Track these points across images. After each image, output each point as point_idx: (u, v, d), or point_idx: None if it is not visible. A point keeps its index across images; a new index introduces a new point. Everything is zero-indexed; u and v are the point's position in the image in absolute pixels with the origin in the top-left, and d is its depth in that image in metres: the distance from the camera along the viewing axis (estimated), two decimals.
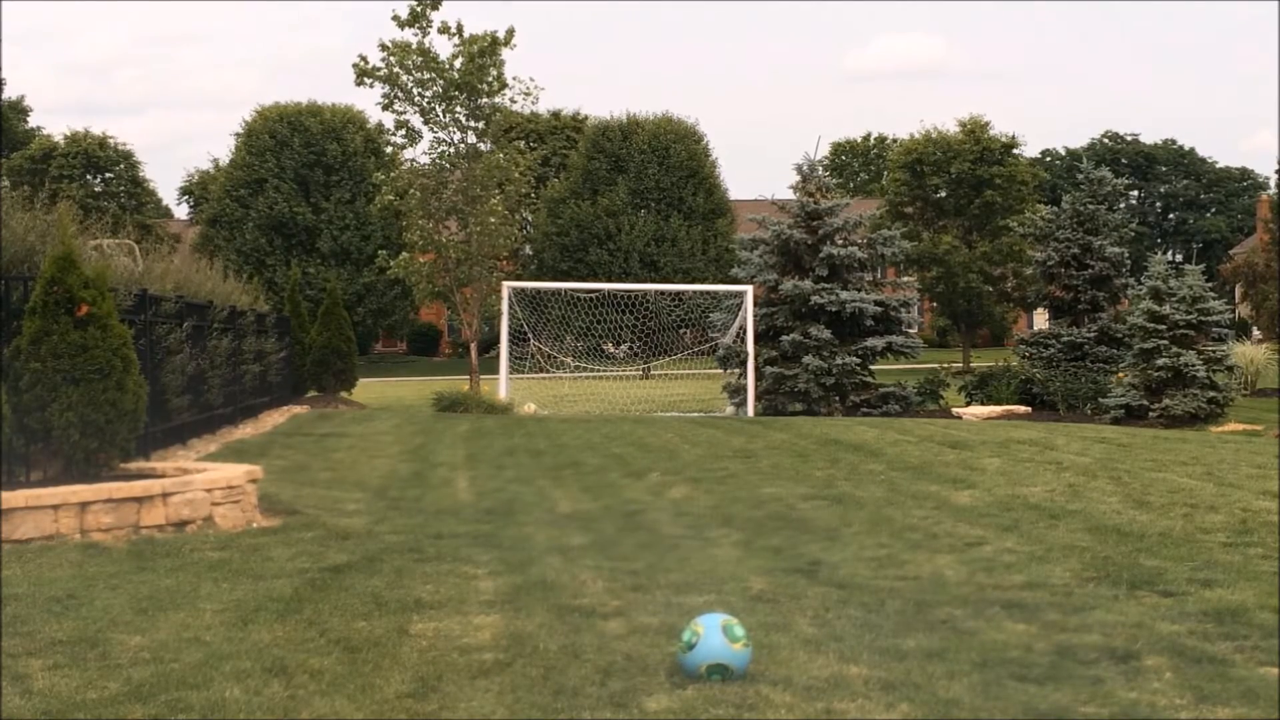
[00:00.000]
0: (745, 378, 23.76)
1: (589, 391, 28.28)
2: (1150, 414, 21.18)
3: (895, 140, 75.02)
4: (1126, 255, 28.00)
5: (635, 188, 55.45)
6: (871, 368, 24.65)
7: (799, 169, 26.39)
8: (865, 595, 6.40)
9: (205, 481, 8.48)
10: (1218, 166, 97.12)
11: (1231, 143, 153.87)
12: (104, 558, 7.27)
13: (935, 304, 53.24)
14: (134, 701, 4.60)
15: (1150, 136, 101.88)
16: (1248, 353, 29.92)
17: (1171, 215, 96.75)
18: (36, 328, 8.41)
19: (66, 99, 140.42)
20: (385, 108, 27.90)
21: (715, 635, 4.83)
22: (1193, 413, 20.76)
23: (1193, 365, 21.01)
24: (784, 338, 23.75)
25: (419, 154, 28.78)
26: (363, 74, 27.53)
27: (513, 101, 28.19)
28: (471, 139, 27.96)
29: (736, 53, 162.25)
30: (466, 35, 27.52)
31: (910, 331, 27.14)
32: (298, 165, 56.80)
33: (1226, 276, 41.29)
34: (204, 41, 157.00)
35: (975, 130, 50.03)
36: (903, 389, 23.87)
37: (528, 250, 58.20)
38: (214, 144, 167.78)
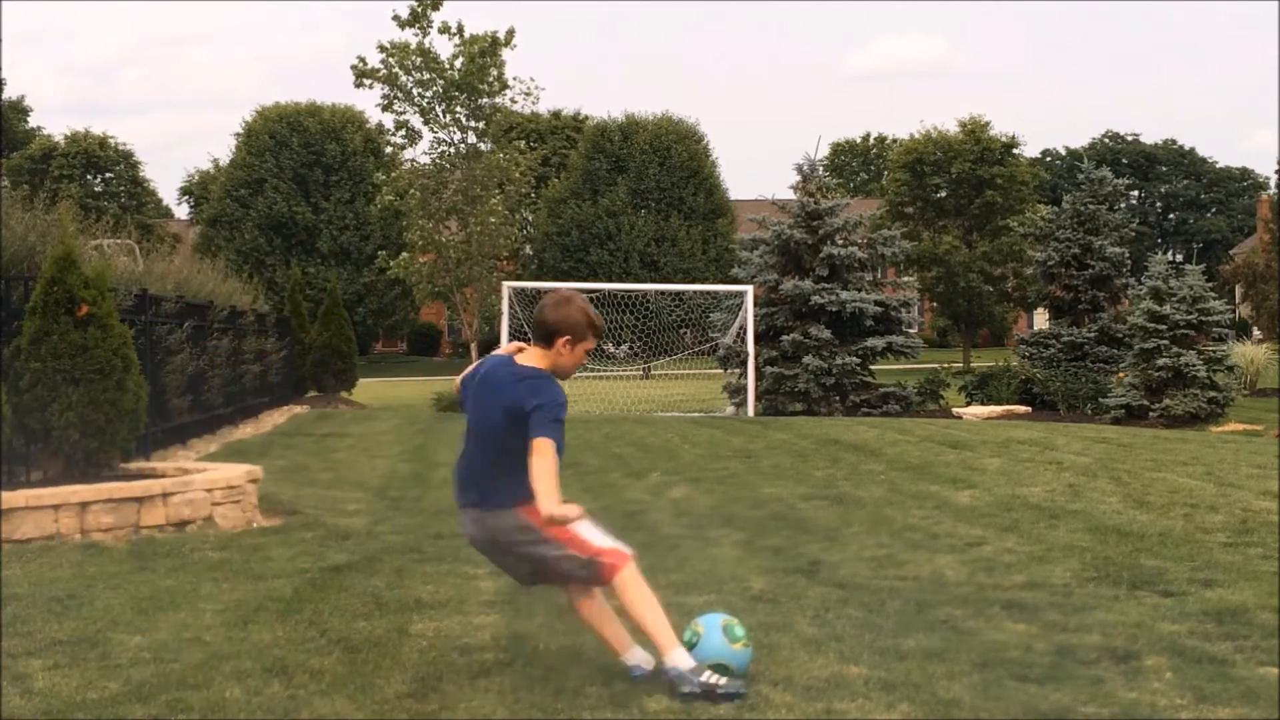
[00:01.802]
0: (745, 378, 23.75)
1: (589, 391, 28.27)
2: (1150, 414, 21.18)
3: (895, 140, 75.07)
4: (1127, 255, 28.02)
5: (635, 188, 55.45)
6: (871, 368, 24.64)
7: (799, 169, 26.39)
8: (865, 595, 6.39)
9: (205, 481, 8.48)
10: (1218, 166, 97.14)
11: (1231, 143, 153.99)
12: (104, 558, 7.27)
13: (935, 304, 53.25)
14: (134, 701, 4.60)
15: (1150, 136, 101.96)
16: (1248, 353, 29.92)
17: (1172, 215, 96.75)
18: (36, 328, 8.41)
19: (70, 100, 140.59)
20: (385, 108, 27.91)
21: (715, 635, 4.84)
22: (1193, 413, 20.76)
23: (1193, 365, 21.01)
24: (784, 338, 23.75)
25: (419, 154, 28.79)
26: (361, 75, 27.52)
27: (513, 102, 28.21)
28: (472, 139, 27.96)
29: (736, 53, 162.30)
30: (467, 35, 27.52)
31: (910, 331, 27.19)
32: (297, 165, 56.82)
33: (1227, 276, 41.28)
34: (207, 42, 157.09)
35: (975, 130, 50.05)
36: (903, 389, 23.86)
37: (528, 250, 58.20)
38: (218, 145, 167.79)
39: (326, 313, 24.38)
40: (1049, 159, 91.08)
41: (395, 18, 27.49)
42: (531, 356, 4.82)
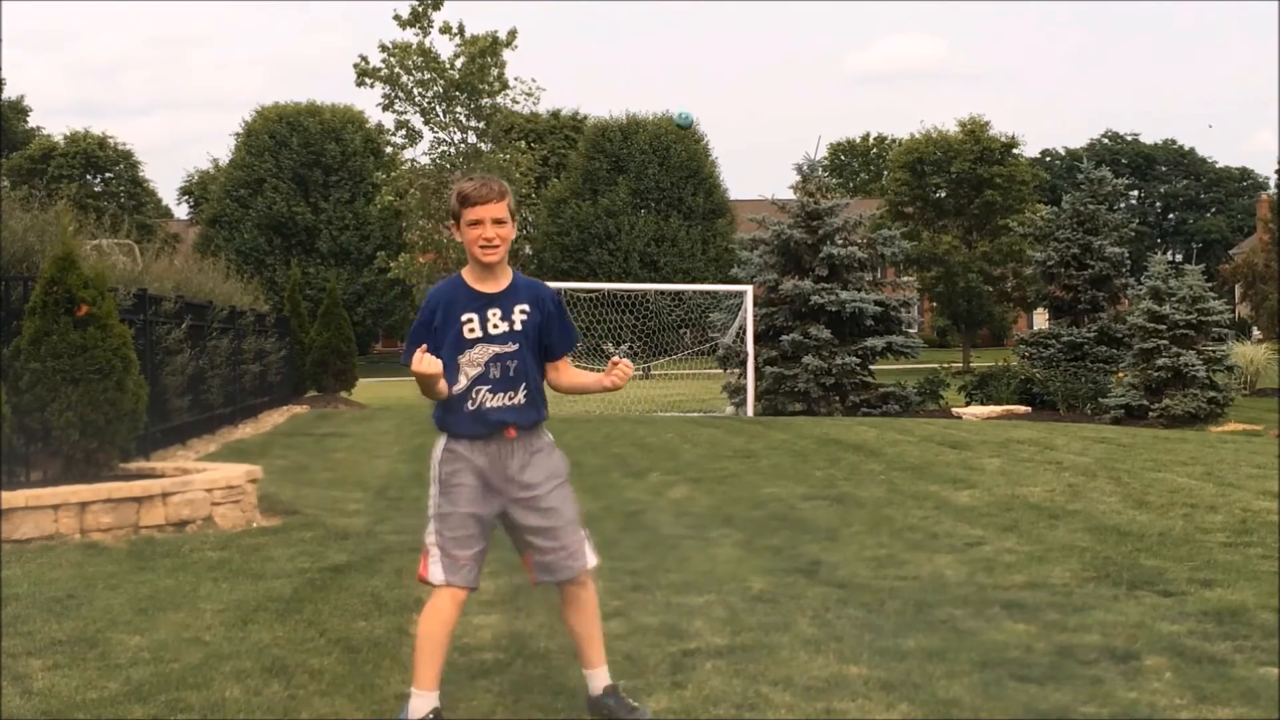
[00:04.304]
0: (745, 378, 23.75)
1: None
2: (1150, 414, 21.18)
3: (895, 141, 75.10)
4: (1126, 255, 28.03)
5: (635, 188, 55.47)
6: (871, 368, 24.64)
7: (799, 169, 26.40)
8: (865, 595, 6.39)
9: (205, 481, 8.47)
10: (1218, 166, 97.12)
11: (1231, 143, 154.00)
12: (104, 558, 7.26)
13: (935, 304, 53.27)
14: (134, 701, 4.59)
15: (1150, 136, 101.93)
16: (1248, 353, 29.93)
17: (1171, 215, 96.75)
18: (36, 328, 8.40)
19: (73, 100, 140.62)
20: (386, 108, 27.94)
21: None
22: (1193, 413, 20.76)
23: (1193, 365, 21.01)
24: (784, 338, 23.75)
25: (419, 154, 28.83)
26: (363, 74, 27.56)
27: (514, 102, 28.24)
28: (472, 139, 27.98)
29: (736, 52, 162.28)
30: (468, 35, 27.54)
31: (910, 331, 27.15)
32: (296, 165, 56.81)
33: (1226, 276, 41.30)
34: (209, 43, 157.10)
35: (975, 130, 50.05)
36: (903, 389, 23.86)
37: (528, 250, 58.24)
38: (218, 145, 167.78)
39: (326, 313, 24.37)
40: (1049, 159, 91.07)
41: (396, 17, 27.53)
42: None
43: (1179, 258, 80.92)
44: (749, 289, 24.63)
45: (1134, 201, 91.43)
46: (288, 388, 22.52)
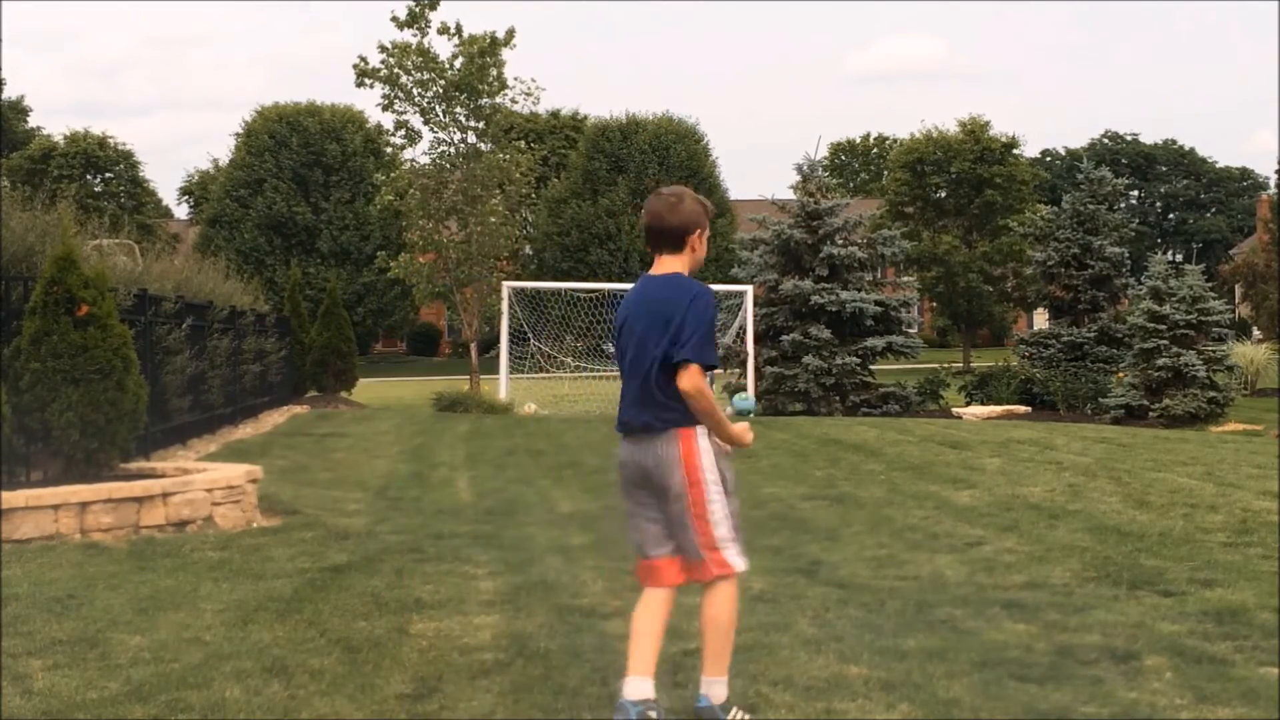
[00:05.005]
0: (745, 378, 23.76)
1: (589, 391, 28.24)
2: (1150, 414, 21.19)
3: (895, 141, 75.07)
4: (1126, 255, 28.05)
5: (635, 188, 55.42)
6: (871, 368, 24.65)
7: (799, 169, 26.41)
8: (865, 595, 6.39)
9: (205, 481, 8.47)
10: (1218, 166, 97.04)
11: (1231, 143, 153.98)
12: (104, 558, 7.26)
13: (935, 304, 53.24)
14: (134, 701, 4.59)
15: (1150, 136, 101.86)
16: (1248, 353, 29.93)
17: (1171, 215, 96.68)
18: (36, 328, 8.40)
19: (74, 100, 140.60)
20: (385, 108, 27.90)
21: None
22: (1193, 413, 20.76)
23: (1193, 365, 21.02)
24: (784, 338, 23.76)
25: (419, 154, 28.80)
26: (363, 75, 27.53)
27: (514, 102, 28.20)
28: (472, 139, 27.96)
29: (736, 52, 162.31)
30: (466, 35, 27.53)
31: (910, 331, 27.16)
32: (296, 165, 56.77)
33: (1226, 276, 41.28)
34: (209, 43, 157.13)
35: (975, 130, 50.03)
36: (903, 389, 23.87)
37: (528, 250, 58.19)
38: (218, 145, 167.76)
39: (326, 313, 24.36)
40: (1049, 159, 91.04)
41: (394, 18, 27.51)
42: (666, 266, 4.85)
43: (1179, 258, 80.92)
44: (749, 289, 24.63)
45: (1134, 201, 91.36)
46: (288, 388, 22.51)
